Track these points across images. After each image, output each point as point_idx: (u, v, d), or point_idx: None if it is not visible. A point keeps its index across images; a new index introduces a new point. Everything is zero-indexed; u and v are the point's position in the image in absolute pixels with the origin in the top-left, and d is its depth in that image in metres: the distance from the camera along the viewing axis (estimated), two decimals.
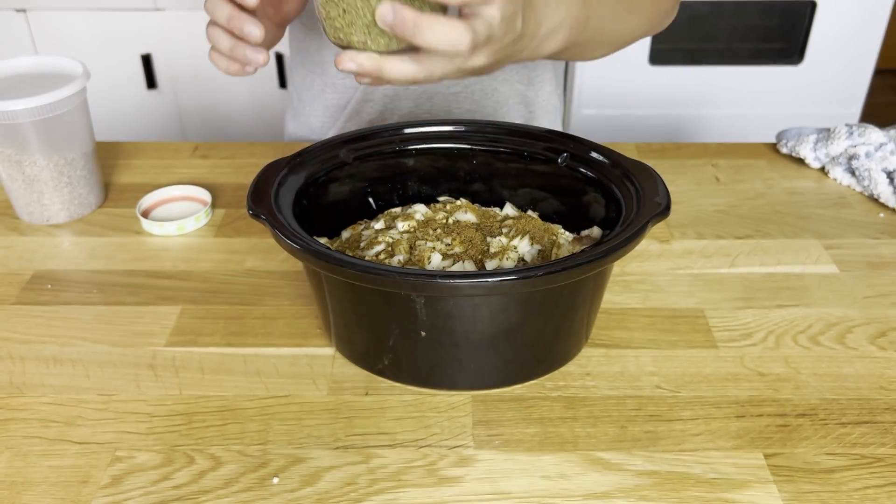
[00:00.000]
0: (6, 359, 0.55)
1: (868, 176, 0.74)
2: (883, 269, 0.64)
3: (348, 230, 0.60)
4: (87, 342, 0.57)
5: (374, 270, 0.45)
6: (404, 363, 0.51)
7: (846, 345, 0.56)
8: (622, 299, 0.61)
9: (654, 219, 0.49)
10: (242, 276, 0.64)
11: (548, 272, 0.44)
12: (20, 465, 0.47)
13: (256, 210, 0.50)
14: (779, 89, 1.70)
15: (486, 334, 0.49)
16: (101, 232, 0.70)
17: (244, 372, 0.54)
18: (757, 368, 0.54)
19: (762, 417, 0.50)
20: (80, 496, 0.45)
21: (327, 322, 0.55)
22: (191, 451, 0.48)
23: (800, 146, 0.79)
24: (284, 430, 0.49)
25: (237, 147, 0.84)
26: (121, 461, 0.47)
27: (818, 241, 0.68)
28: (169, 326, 0.58)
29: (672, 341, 0.56)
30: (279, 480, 0.46)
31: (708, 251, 0.67)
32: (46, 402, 0.52)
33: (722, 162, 0.81)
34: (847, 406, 0.51)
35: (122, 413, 0.51)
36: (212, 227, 0.70)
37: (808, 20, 1.63)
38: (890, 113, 2.36)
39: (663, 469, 0.47)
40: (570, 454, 0.48)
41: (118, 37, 1.65)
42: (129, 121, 1.74)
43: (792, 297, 0.61)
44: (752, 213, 0.72)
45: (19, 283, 0.63)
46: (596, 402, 0.51)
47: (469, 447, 0.48)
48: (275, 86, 1.71)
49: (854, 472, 0.46)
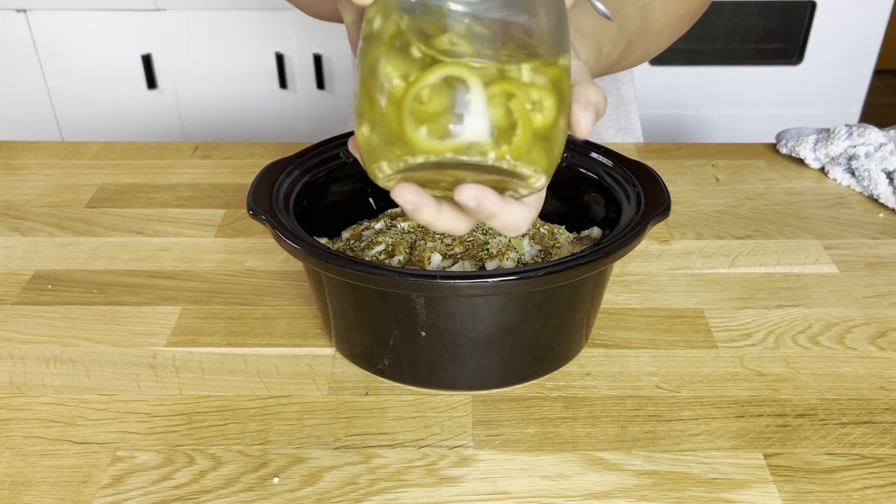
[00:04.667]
0: (6, 359, 0.55)
1: (868, 176, 0.74)
2: (882, 270, 0.64)
3: (348, 230, 0.60)
4: (88, 342, 0.57)
5: (374, 270, 0.45)
6: (404, 363, 0.51)
7: (846, 345, 0.56)
8: (622, 299, 0.61)
9: (654, 219, 0.50)
10: (243, 276, 0.64)
11: (548, 272, 0.44)
12: (20, 465, 0.47)
13: (257, 210, 0.50)
14: (778, 89, 1.70)
15: (487, 334, 0.49)
16: (102, 232, 0.70)
17: (244, 372, 0.54)
18: (756, 368, 0.54)
19: (762, 417, 0.50)
20: (81, 496, 0.45)
21: (327, 322, 0.55)
22: (191, 450, 0.48)
23: (799, 146, 0.79)
24: (285, 430, 0.49)
25: (237, 147, 0.84)
26: (121, 461, 0.47)
27: (818, 241, 0.68)
28: (169, 326, 0.58)
29: (672, 341, 0.57)
30: (279, 480, 0.46)
31: (707, 251, 0.67)
32: (47, 401, 0.52)
33: (721, 162, 0.81)
34: (847, 406, 0.51)
35: (123, 413, 0.51)
36: (212, 227, 0.70)
37: (808, 20, 1.63)
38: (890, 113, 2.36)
39: (663, 469, 0.47)
40: (569, 454, 0.48)
41: (118, 37, 1.65)
42: (130, 121, 1.74)
43: (791, 298, 0.61)
44: (752, 214, 0.72)
45: (20, 283, 0.63)
46: (596, 402, 0.51)
47: (469, 447, 0.48)
48: (275, 86, 1.71)
49: (854, 473, 0.46)
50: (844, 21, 1.61)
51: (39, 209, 0.74)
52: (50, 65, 1.68)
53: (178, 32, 1.65)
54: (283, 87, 1.70)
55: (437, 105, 0.34)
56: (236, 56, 1.67)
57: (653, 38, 0.62)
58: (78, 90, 1.71)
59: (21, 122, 1.75)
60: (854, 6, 1.60)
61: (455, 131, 0.34)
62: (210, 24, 1.64)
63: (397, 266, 0.51)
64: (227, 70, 1.69)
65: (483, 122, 0.34)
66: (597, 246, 0.47)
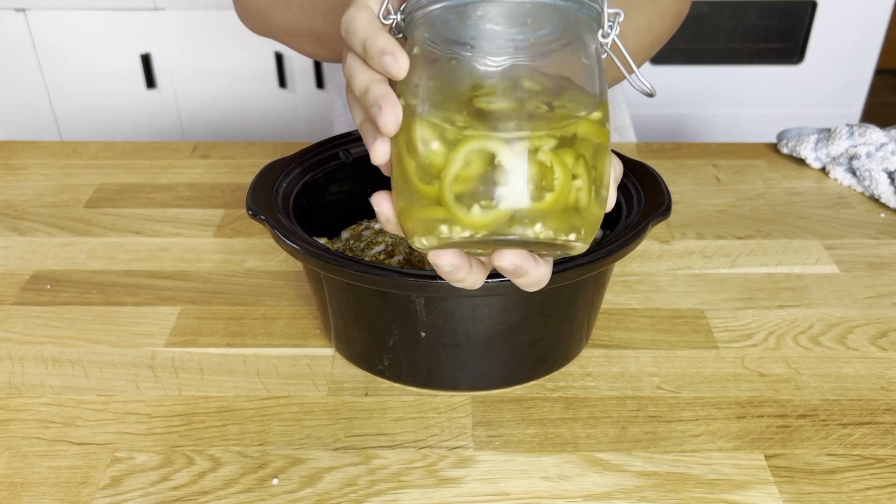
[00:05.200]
0: (5, 359, 0.55)
1: (869, 176, 0.74)
2: (883, 270, 0.64)
3: (348, 230, 0.60)
4: (87, 342, 0.57)
5: (374, 271, 0.45)
6: (404, 364, 0.51)
7: (847, 345, 0.56)
8: (623, 300, 0.61)
9: (655, 219, 0.49)
10: (242, 276, 0.64)
11: None
12: (19, 466, 0.47)
13: (256, 210, 0.50)
14: (779, 89, 1.70)
15: (487, 335, 0.49)
16: (101, 232, 0.70)
17: (244, 372, 0.54)
18: (757, 369, 0.54)
19: (763, 418, 0.50)
20: (80, 497, 0.45)
21: (327, 322, 0.55)
22: (190, 451, 0.48)
23: (800, 146, 0.79)
24: (284, 431, 0.49)
25: (237, 147, 0.84)
26: (120, 462, 0.47)
27: (819, 241, 0.68)
28: (168, 327, 0.58)
29: (672, 342, 0.56)
30: (279, 481, 0.46)
31: (708, 251, 0.67)
32: (45, 402, 0.52)
33: (722, 162, 0.81)
34: (848, 407, 0.51)
35: (122, 414, 0.51)
36: (211, 227, 0.70)
37: (809, 20, 1.63)
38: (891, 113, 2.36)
39: (664, 470, 0.46)
40: (570, 455, 0.48)
41: (117, 36, 1.65)
42: (129, 120, 1.74)
43: (792, 298, 0.61)
44: (753, 214, 0.72)
45: (18, 283, 0.63)
46: (596, 402, 0.51)
47: (469, 448, 0.48)
48: (275, 86, 1.70)
49: (855, 473, 0.46)
50: (845, 20, 1.61)
51: (38, 209, 0.73)
52: (49, 64, 1.68)
53: (177, 32, 1.65)
54: (283, 86, 1.70)
55: (475, 182, 0.33)
56: (235, 55, 1.67)
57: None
58: (77, 90, 1.71)
59: (20, 121, 1.75)
60: (855, 6, 1.60)
61: (497, 209, 0.33)
62: (209, 24, 1.64)
63: (397, 266, 0.51)
64: (226, 69, 1.69)
65: (524, 199, 0.33)
66: (597, 246, 0.47)
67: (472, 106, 0.33)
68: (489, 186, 0.33)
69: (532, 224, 0.33)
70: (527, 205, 0.33)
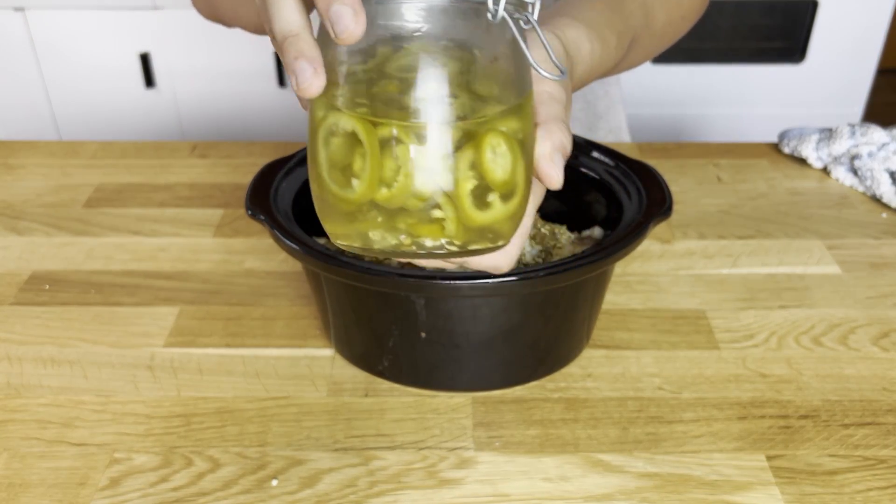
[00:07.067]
0: (3, 360, 0.55)
1: (871, 176, 0.73)
2: (885, 270, 0.64)
3: None
4: (85, 343, 0.57)
5: (374, 271, 0.44)
6: (404, 364, 0.51)
7: (849, 346, 0.56)
8: (623, 300, 0.60)
9: (656, 219, 0.49)
10: (241, 276, 0.64)
11: (548, 273, 0.44)
12: (17, 467, 0.47)
13: (255, 210, 0.50)
14: (781, 89, 1.70)
15: (487, 335, 0.49)
16: (99, 232, 0.70)
17: (243, 373, 0.54)
18: (759, 369, 0.54)
19: (764, 419, 0.50)
20: (78, 498, 0.45)
21: (327, 323, 0.54)
22: (189, 452, 0.48)
23: (802, 146, 0.79)
24: (283, 432, 0.49)
25: (236, 147, 0.83)
26: (119, 463, 0.47)
27: (820, 241, 0.68)
28: (167, 327, 0.58)
29: (674, 342, 0.56)
30: (278, 482, 0.46)
31: (710, 251, 0.66)
32: (44, 403, 0.51)
33: (724, 162, 0.81)
34: (850, 407, 0.51)
35: (121, 414, 0.50)
36: (210, 227, 0.70)
37: (810, 19, 1.62)
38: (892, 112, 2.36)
39: (665, 471, 0.46)
40: (571, 456, 0.47)
41: (116, 35, 1.65)
42: (128, 120, 1.74)
43: (794, 298, 0.61)
44: (754, 214, 0.72)
45: (17, 283, 0.63)
46: (597, 403, 0.51)
47: (469, 449, 0.48)
48: (274, 85, 1.70)
49: (857, 474, 0.46)
50: (847, 20, 1.61)
51: (36, 209, 0.73)
52: (47, 63, 1.68)
53: (176, 31, 1.64)
54: (282, 85, 1.70)
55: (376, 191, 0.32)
56: (235, 54, 1.66)
57: (656, 37, 0.61)
58: (75, 89, 1.70)
59: (18, 120, 1.75)
60: (856, 5, 1.59)
61: (406, 226, 0.32)
62: (208, 23, 1.63)
63: (397, 266, 0.51)
64: (225, 68, 1.68)
65: (427, 213, 0.32)
66: (598, 246, 0.47)
67: (372, 97, 0.32)
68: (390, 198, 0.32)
69: (435, 240, 0.33)
70: (427, 222, 0.32)
